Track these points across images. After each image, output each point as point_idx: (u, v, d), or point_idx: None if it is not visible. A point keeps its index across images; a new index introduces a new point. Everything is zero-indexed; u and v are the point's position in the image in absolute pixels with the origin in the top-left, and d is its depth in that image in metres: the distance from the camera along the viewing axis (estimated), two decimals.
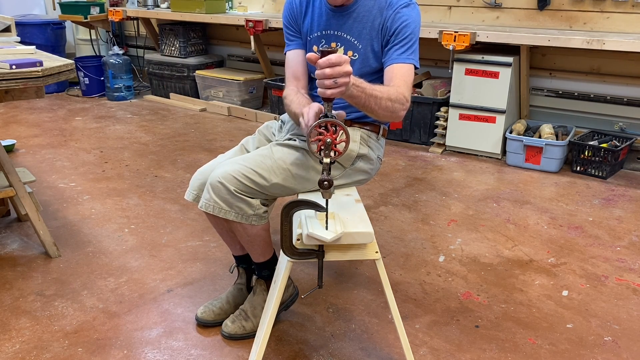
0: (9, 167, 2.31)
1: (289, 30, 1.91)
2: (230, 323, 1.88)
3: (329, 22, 1.80)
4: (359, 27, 1.75)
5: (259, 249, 1.83)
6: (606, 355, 1.83)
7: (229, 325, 1.88)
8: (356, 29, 1.76)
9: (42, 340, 1.85)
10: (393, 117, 1.65)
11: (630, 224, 2.79)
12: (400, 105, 1.62)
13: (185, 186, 3.17)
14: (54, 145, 3.93)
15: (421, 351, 1.82)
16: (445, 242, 2.58)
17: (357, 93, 1.46)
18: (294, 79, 1.87)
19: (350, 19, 1.77)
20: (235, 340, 1.87)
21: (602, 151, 3.39)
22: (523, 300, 2.13)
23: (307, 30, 1.86)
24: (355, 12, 1.76)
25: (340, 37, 1.79)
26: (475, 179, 3.40)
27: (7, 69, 1.96)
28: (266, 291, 1.89)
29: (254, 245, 1.81)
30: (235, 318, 1.89)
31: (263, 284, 1.91)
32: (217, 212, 1.68)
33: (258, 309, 1.89)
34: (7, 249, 2.47)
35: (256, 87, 5.08)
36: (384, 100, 1.56)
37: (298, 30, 1.89)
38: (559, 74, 3.83)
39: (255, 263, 1.88)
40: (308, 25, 1.85)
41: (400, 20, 1.70)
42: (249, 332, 1.87)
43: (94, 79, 5.45)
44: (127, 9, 5.38)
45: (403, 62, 1.70)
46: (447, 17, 4.19)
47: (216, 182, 1.67)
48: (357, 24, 1.76)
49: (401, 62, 1.70)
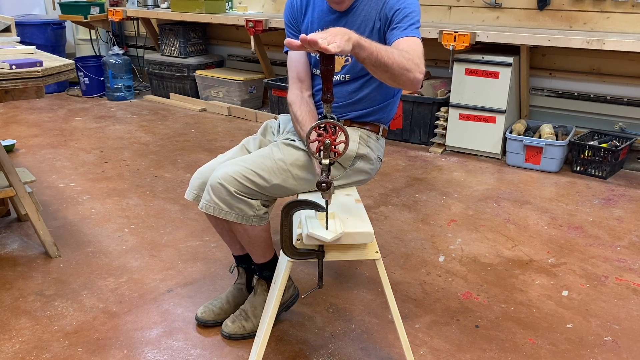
0: (9, 167, 2.31)
1: (290, 29, 1.92)
2: (230, 323, 1.88)
3: (330, 19, 1.80)
4: (358, 24, 1.75)
5: (259, 250, 1.82)
6: (606, 355, 1.83)
7: (229, 325, 1.88)
8: (355, 25, 1.76)
9: (42, 340, 1.85)
10: (409, 79, 1.49)
11: (630, 224, 2.79)
12: (415, 66, 1.49)
13: (185, 186, 3.16)
14: (54, 145, 3.93)
15: (421, 351, 1.82)
16: (445, 242, 2.58)
17: (365, 44, 1.36)
18: (298, 80, 1.87)
19: (349, 17, 1.77)
20: (235, 340, 1.87)
21: (602, 151, 3.39)
22: (523, 300, 2.13)
23: (306, 29, 1.86)
24: (354, 10, 1.77)
25: None
26: (475, 179, 3.40)
27: (7, 69, 1.96)
28: (267, 291, 1.89)
29: (255, 246, 1.81)
30: (236, 318, 1.89)
31: (264, 284, 1.91)
32: (218, 214, 1.68)
33: (259, 309, 1.89)
34: (7, 249, 2.47)
35: (256, 87, 5.08)
36: (396, 55, 1.45)
37: (298, 30, 1.90)
38: (559, 74, 3.83)
39: (256, 264, 1.88)
40: (308, 24, 1.86)
41: (398, 4, 1.69)
42: (249, 332, 1.87)
43: (94, 79, 5.45)
44: (127, 9, 5.38)
45: (407, 35, 1.64)
46: (447, 17, 4.19)
47: (216, 184, 1.67)
48: (357, 20, 1.76)
49: (404, 35, 1.64)
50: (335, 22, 1.79)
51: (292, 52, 1.88)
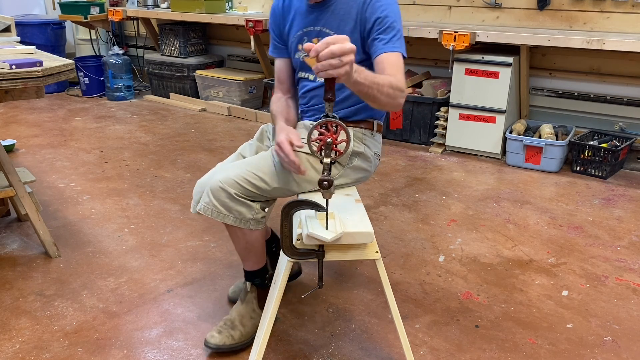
0: (9, 167, 2.31)
1: (274, 36, 1.96)
2: (217, 334, 1.80)
3: (309, 19, 1.81)
4: (337, 20, 1.75)
5: (254, 257, 1.82)
6: (606, 355, 1.83)
7: (215, 336, 1.79)
8: (335, 22, 1.76)
9: (42, 340, 1.85)
10: (394, 105, 1.59)
11: (630, 224, 2.79)
12: (400, 92, 1.58)
13: (186, 186, 3.18)
14: (54, 145, 3.93)
15: (421, 351, 1.83)
16: (445, 242, 2.58)
17: (361, 79, 1.41)
18: (279, 82, 1.98)
19: (328, 12, 1.77)
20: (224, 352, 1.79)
21: (602, 151, 3.39)
22: (523, 300, 2.13)
23: (288, 31, 1.88)
24: (333, 6, 1.76)
25: (320, 31, 1.79)
26: (475, 179, 3.40)
27: (7, 69, 1.96)
28: (256, 299, 1.88)
29: (250, 253, 1.80)
30: (222, 328, 1.82)
31: (255, 291, 1.89)
32: (216, 216, 1.67)
33: (246, 318, 1.85)
34: (7, 249, 2.47)
35: (256, 87, 5.08)
36: (386, 87, 1.52)
37: (281, 37, 1.93)
38: (559, 74, 3.83)
39: (248, 271, 1.87)
40: (289, 26, 1.87)
41: (379, 10, 1.68)
42: (238, 341, 1.81)
43: (94, 79, 5.45)
44: (127, 9, 5.38)
45: (390, 50, 1.66)
46: (447, 17, 4.19)
47: (217, 187, 1.65)
48: (336, 17, 1.76)
49: (388, 51, 1.66)
50: (315, 21, 1.79)
51: (277, 60, 1.97)
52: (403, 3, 4.29)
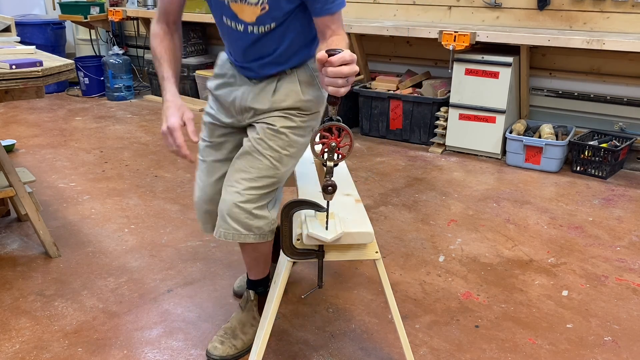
0: (9, 167, 2.31)
1: None
2: (219, 344, 1.78)
3: None
4: None
5: (262, 265, 1.82)
6: (606, 355, 1.83)
7: (218, 348, 1.77)
8: None
9: (42, 340, 1.85)
10: None
11: (630, 224, 2.79)
12: None
13: (186, 186, 3.17)
14: (54, 145, 3.93)
15: (421, 351, 1.83)
16: (445, 242, 2.58)
17: None
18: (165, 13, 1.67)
19: None
20: None
21: (602, 151, 3.39)
22: (523, 300, 2.13)
23: None
24: None
25: None
26: (475, 179, 3.40)
27: (7, 69, 1.96)
28: (256, 306, 1.88)
29: (259, 262, 1.80)
30: (224, 339, 1.80)
31: (256, 299, 1.88)
32: (237, 239, 1.63)
33: (247, 326, 1.84)
34: (7, 249, 2.47)
35: None
36: None
37: None
38: (559, 74, 3.83)
39: (252, 280, 1.87)
40: None
41: None
42: (241, 350, 1.80)
43: (94, 79, 5.45)
44: (127, 9, 5.38)
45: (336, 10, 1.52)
46: (447, 17, 4.19)
47: (233, 209, 1.60)
48: None
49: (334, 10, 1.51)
50: None
51: None
52: (403, 3, 4.29)
